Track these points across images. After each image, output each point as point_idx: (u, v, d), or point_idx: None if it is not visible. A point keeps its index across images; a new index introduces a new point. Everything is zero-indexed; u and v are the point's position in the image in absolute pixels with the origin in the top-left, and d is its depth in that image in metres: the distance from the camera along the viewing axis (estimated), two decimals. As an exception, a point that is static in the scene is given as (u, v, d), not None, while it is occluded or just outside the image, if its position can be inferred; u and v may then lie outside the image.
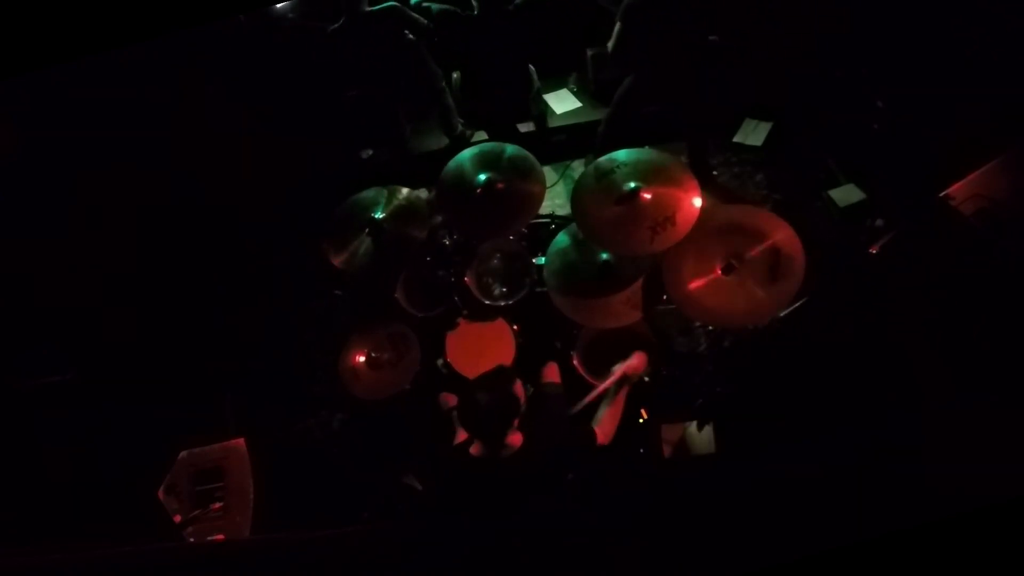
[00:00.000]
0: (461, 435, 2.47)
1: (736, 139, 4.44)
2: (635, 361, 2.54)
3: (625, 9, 3.44)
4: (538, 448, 2.19)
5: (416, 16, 4.03)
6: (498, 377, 2.18)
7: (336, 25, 4.00)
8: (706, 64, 3.62)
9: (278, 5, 4.54)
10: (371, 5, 4.03)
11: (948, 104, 3.44)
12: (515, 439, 2.13)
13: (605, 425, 2.38)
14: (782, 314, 2.98)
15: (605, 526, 1.39)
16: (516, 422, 2.11)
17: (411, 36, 4.10)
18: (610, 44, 3.64)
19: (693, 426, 3.04)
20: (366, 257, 3.03)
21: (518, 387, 2.15)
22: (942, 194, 2.97)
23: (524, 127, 4.81)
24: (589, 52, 4.72)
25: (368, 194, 3.17)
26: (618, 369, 2.50)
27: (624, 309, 2.79)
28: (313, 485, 3.40)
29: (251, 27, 4.54)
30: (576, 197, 2.80)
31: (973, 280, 2.94)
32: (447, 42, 4.15)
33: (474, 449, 2.16)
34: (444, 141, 4.90)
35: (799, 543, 1.19)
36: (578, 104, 4.88)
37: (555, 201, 4.54)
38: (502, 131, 4.35)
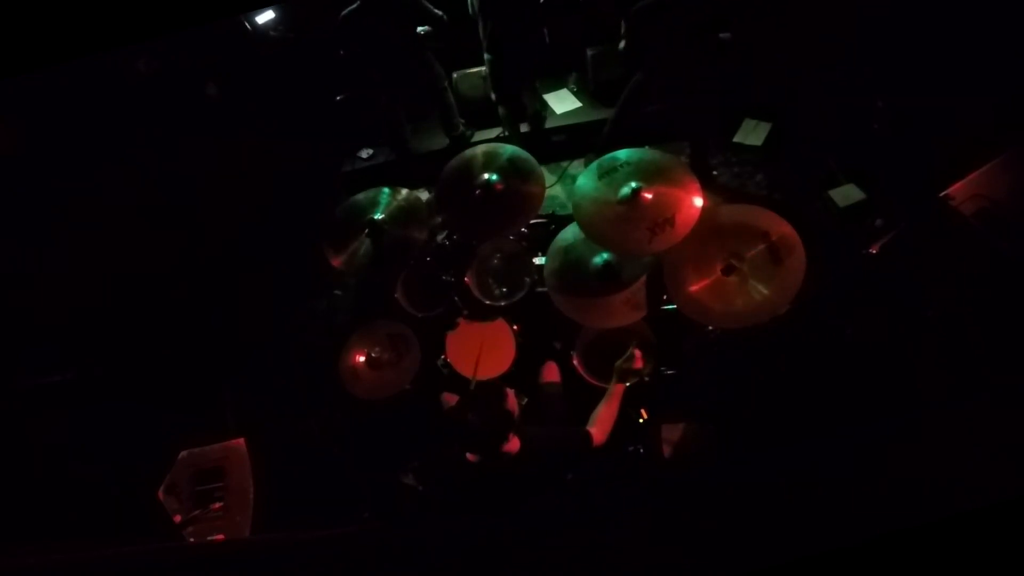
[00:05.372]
0: (453, 400, 2.48)
1: (736, 139, 4.43)
2: (634, 360, 2.55)
3: (635, 12, 3.46)
4: (537, 449, 2.19)
5: (430, 7, 4.04)
6: (487, 395, 2.16)
7: (350, 9, 3.98)
8: (715, 62, 3.63)
9: (260, 21, 4.55)
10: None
11: (948, 104, 3.43)
12: (512, 445, 2.13)
13: (602, 425, 2.38)
14: (782, 312, 2.98)
15: (604, 526, 1.39)
16: (511, 435, 2.11)
17: (422, 30, 4.10)
18: (621, 44, 3.67)
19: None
20: (366, 258, 3.03)
21: (511, 400, 2.14)
22: (942, 194, 2.97)
23: (521, 127, 4.82)
24: (589, 52, 4.73)
25: (368, 195, 3.17)
26: (620, 367, 2.52)
27: (624, 309, 2.79)
28: (313, 485, 3.40)
29: (250, 32, 4.55)
30: (577, 196, 2.80)
31: (973, 280, 2.94)
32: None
33: (472, 457, 2.16)
34: (444, 141, 4.90)
35: (798, 543, 1.19)
36: (578, 104, 4.89)
37: (555, 201, 4.54)
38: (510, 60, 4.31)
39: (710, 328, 3.23)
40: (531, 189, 2.94)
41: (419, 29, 4.13)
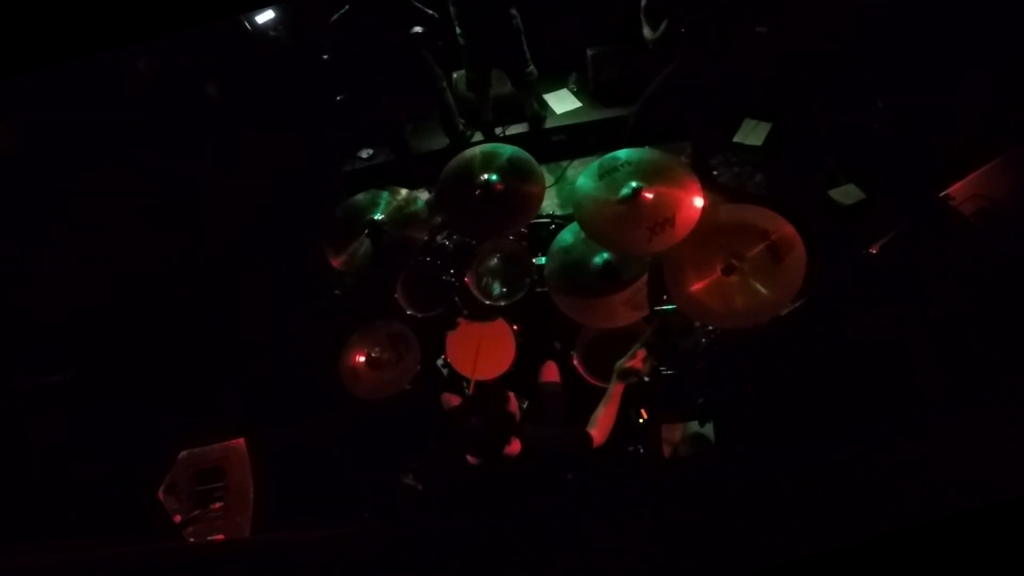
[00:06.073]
0: (453, 400, 2.50)
1: (736, 139, 4.44)
2: (636, 359, 2.55)
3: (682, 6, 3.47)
4: (537, 449, 2.19)
5: (421, 7, 4.04)
6: (488, 398, 2.17)
7: (341, 12, 3.99)
8: (746, 57, 3.64)
9: (260, 21, 4.55)
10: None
11: (948, 104, 3.44)
12: (513, 447, 2.13)
13: (602, 426, 2.38)
14: (783, 312, 2.98)
15: (604, 526, 1.40)
16: (512, 437, 2.11)
17: (416, 31, 4.10)
18: (653, 38, 3.66)
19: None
20: (365, 258, 3.03)
21: (512, 403, 2.14)
22: (942, 194, 2.97)
23: (518, 128, 4.82)
24: (589, 52, 4.73)
25: (368, 195, 3.17)
26: (620, 367, 2.52)
27: (624, 309, 2.79)
28: (313, 485, 3.40)
29: (250, 32, 4.56)
30: (578, 196, 2.80)
31: (973, 280, 2.94)
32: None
33: (473, 460, 2.16)
34: (444, 141, 4.90)
35: (798, 543, 1.19)
36: (578, 104, 4.89)
37: (554, 201, 4.55)
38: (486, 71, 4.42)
39: (710, 328, 3.23)
40: (531, 189, 2.94)
41: (415, 30, 4.13)
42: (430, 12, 4.07)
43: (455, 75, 4.85)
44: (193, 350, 4.07)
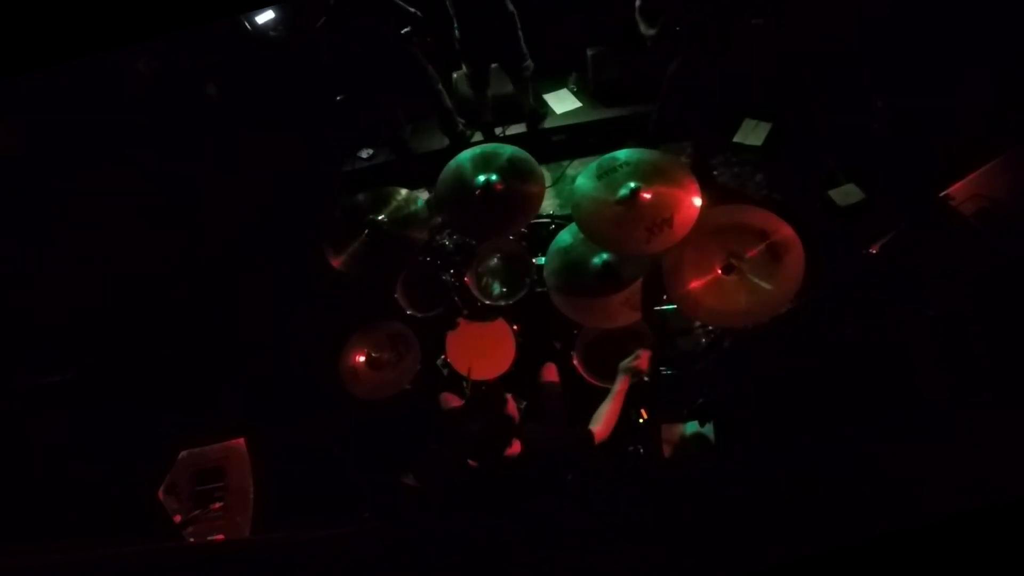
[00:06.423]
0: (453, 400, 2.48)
1: (736, 139, 4.44)
2: (641, 360, 2.55)
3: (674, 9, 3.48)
4: (538, 450, 2.19)
5: (403, 5, 4.03)
6: (487, 401, 2.17)
7: (322, 20, 4.00)
8: (746, 56, 3.66)
9: (260, 21, 4.56)
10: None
11: (948, 104, 3.43)
12: (513, 448, 2.13)
13: (606, 421, 2.39)
14: (783, 311, 2.97)
15: (604, 526, 1.40)
16: (513, 439, 2.11)
17: (404, 31, 4.09)
18: (651, 34, 3.66)
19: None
20: (365, 258, 3.03)
21: (511, 404, 2.14)
22: (942, 194, 2.97)
23: (518, 128, 4.82)
24: (589, 52, 4.73)
25: (368, 195, 3.17)
26: (625, 366, 2.52)
27: (624, 309, 2.79)
28: (313, 485, 3.40)
29: (250, 32, 4.56)
30: (577, 196, 2.80)
31: (973, 280, 2.94)
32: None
33: (473, 463, 2.16)
34: (444, 141, 4.90)
35: (798, 543, 1.19)
36: (578, 104, 4.89)
37: (554, 201, 4.55)
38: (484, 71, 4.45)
39: (710, 328, 3.23)
40: (531, 189, 2.94)
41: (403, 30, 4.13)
42: (412, 10, 4.06)
43: (455, 75, 4.85)
44: (193, 350, 4.06)
